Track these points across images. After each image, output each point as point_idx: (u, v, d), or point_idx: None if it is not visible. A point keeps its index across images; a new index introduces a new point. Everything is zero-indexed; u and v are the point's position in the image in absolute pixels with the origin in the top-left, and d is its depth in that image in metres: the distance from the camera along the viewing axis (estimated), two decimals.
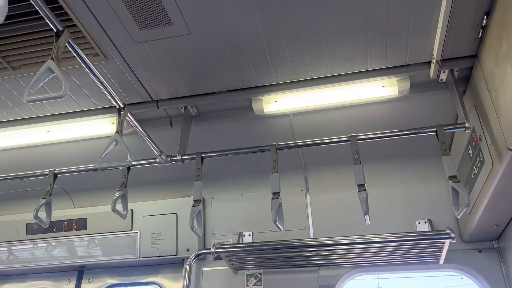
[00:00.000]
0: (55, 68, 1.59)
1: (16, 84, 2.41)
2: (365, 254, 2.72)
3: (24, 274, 3.50)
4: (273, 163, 2.29)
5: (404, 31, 2.11)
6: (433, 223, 2.88)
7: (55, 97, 1.58)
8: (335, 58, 2.27)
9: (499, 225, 2.53)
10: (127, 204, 2.45)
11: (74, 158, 3.02)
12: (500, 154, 1.98)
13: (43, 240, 3.32)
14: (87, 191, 3.41)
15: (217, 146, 2.78)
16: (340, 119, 2.72)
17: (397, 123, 2.68)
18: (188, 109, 2.64)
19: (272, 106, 2.55)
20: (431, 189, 2.95)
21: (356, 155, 2.20)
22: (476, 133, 2.27)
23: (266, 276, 2.99)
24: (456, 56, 2.26)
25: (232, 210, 3.23)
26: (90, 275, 3.39)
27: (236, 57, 2.25)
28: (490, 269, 2.69)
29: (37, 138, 2.80)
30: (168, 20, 2.01)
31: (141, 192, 3.34)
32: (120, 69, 2.32)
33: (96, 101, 2.57)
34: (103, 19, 2.02)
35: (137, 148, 2.71)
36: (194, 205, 2.27)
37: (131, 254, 3.17)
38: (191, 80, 2.42)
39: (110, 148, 2.09)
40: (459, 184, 2.00)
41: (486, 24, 2.03)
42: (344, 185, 3.05)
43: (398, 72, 2.35)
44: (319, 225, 3.05)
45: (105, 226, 3.25)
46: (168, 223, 3.19)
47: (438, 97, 2.52)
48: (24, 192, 3.45)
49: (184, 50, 2.20)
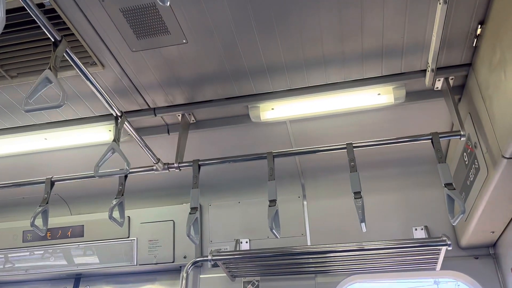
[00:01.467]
0: (53, 78, 1.60)
1: (13, 92, 2.42)
2: (362, 261, 2.73)
3: (21, 282, 3.49)
4: (270, 171, 2.30)
5: (400, 40, 2.13)
6: (429, 230, 2.89)
7: (53, 107, 1.59)
8: (331, 66, 2.29)
9: (495, 232, 2.54)
10: (124, 211, 2.45)
11: (71, 166, 3.02)
12: (495, 161, 2.00)
13: (39, 247, 3.31)
14: (84, 199, 3.41)
15: (214, 153, 2.79)
16: (337, 126, 2.73)
17: (393, 130, 2.69)
18: (185, 116, 2.65)
19: (269, 114, 2.57)
20: (427, 196, 2.96)
21: (353, 163, 2.21)
22: (471, 141, 2.28)
23: (263, 284, 2.98)
24: (451, 64, 2.29)
25: (229, 217, 3.23)
26: (86, 283, 3.38)
27: (233, 65, 2.27)
28: (486, 276, 2.70)
29: (34, 145, 2.80)
30: (166, 29, 2.03)
31: (138, 199, 3.34)
32: (118, 77, 2.33)
33: (93, 109, 2.58)
34: (100, 28, 2.03)
35: (134, 155, 2.71)
36: (191, 213, 2.27)
37: (128, 262, 3.16)
38: (188, 88, 2.43)
39: (107, 156, 2.10)
40: (454, 192, 2.01)
41: (480, 33, 2.05)
42: (341, 192, 3.05)
43: (394, 80, 2.37)
44: (316, 232, 3.05)
45: (102, 234, 3.25)
46: (165, 230, 3.19)
47: (433, 105, 2.54)
48: (21, 200, 3.44)
49: (181, 59, 2.22)
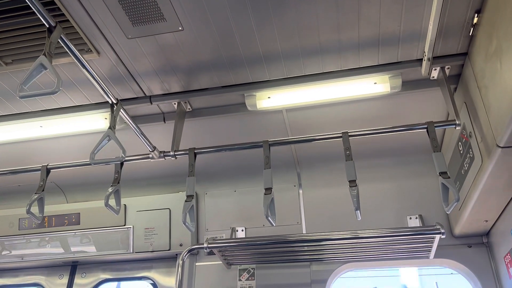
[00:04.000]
0: (47, 64, 1.59)
1: (8, 79, 2.40)
2: (356, 249, 2.75)
3: (17, 269, 3.50)
4: (266, 159, 2.31)
5: (396, 29, 2.13)
6: (424, 219, 2.91)
7: (48, 93, 1.58)
8: (328, 55, 2.29)
9: (488, 220, 2.56)
10: (120, 199, 2.46)
11: (67, 153, 3.02)
12: (489, 150, 2.01)
13: (36, 235, 3.32)
14: (80, 186, 3.41)
15: (210, 142, 2.79)
16: (333, 115, 2.73)
17: (389, 119, 2.70)
18: (181, 104, 2.65)
19: (265, 102, 2.56)
20: (422, 185, 2.98)
21: (348, 151, 2.22)
22: (467, 130, 2.29)
23: (259, 271, 3.01)
24: (448, 53, 2.29)
25: (225, 205, 3.24)
26: (83, 270, 3.40)
27: (229, 53, 2.26)
28: (479, 264, 2.73)
29: (30, 133, 2.79)
30: (161, 16, 2.01)
31: (134, 187, 3.34)
32: (113, 65, 2.32)
33: (89, 97, 2.57)
34: (95, 15, 2.02)
35: (130, 143, 2.71)
36: (187, 201, 2.28)
37: (124, 249, 3.17)
38: (184, 76, 2.42)
39: (103, 143, 2.09)
40: (449, 180, 2.02)
41: (477, 22, 2.05)
42: (337, 181, 3.07)
43: (390, 69, 2.37)
44: (311, 220, 3.07)
45: (98, 221, 3.26)
46: (161, 218, 3.20)
47: (429, 94, 2.55)
48: (17, 187, 3.44)
49: (177, 46, 2.21)
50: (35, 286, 3.45)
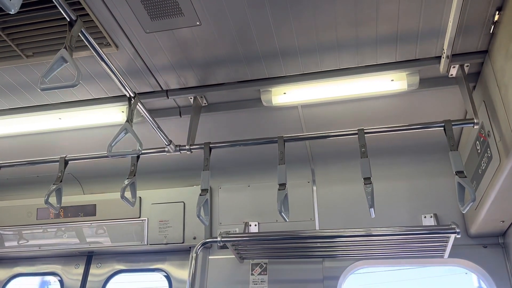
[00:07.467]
0: (68, 57, 1.62)
1: (29, 71, 2.45)
2: (369, 246, 2.74)
3: (34, 258, 3.58)
4: (280, 155, 2.31)
5: (415, 25, 2.10)
6: (439, 218, 2.88)
7: (68, 86, 1.61)
8: (345, 51, 2.28)
9: (505, 221, 2.53)
10: (135, 191, 2.49)
11: (85, 146, 3.07)
12: (508, 150, 1.98)
13: (53, 225, 3.39)
14: (97, 178, 3.46)
15: (225, 136, 2.80)
16: (349, 112, 2.72)
17: (405, 117, 2.68)
18: (197, 99, 2.67)
19: (281, 98, 2.56)
20: (437, 184, 2.95)
21: (363, 149, 2.21)
22: (485, 129, 2.26)
23: (271, 266, 3.02)
24: (467, 51, 2.25)
25: (239, 200, 3.26)
26: (98, 261, 3.46)
27: (245, 48, 2.26)
28: (494, 265, 2.70)
29: (48, 125, 2.84)
30: (179, 10, 2.03)
31: (149, 180, 3.38)
32: (131, 59, 2.35)
33: (107, 90, 2.60)
34: (115, 9, 2.04)
35: (147, 137, 2.74)
36: (201, 194, 2.30)
37: (139, 241, 3.22)
38: (201, 71, 2.44)
39: (120, 136, 2.12)
40: (465, 180, 2.00)
41: (498, 20, 2.01)
42: (351, 178, 3.06)
43: (408, 66, 2.34)
44: (324, 217, 3.07)
45: (113, 213, 3.31)
46: (175, 211, 3.23)
47: (447, 92, 2.52)
48: (35, 178, 3.50)
49: (194, 41, 2.22)
50: (52, 275, 3.52)
